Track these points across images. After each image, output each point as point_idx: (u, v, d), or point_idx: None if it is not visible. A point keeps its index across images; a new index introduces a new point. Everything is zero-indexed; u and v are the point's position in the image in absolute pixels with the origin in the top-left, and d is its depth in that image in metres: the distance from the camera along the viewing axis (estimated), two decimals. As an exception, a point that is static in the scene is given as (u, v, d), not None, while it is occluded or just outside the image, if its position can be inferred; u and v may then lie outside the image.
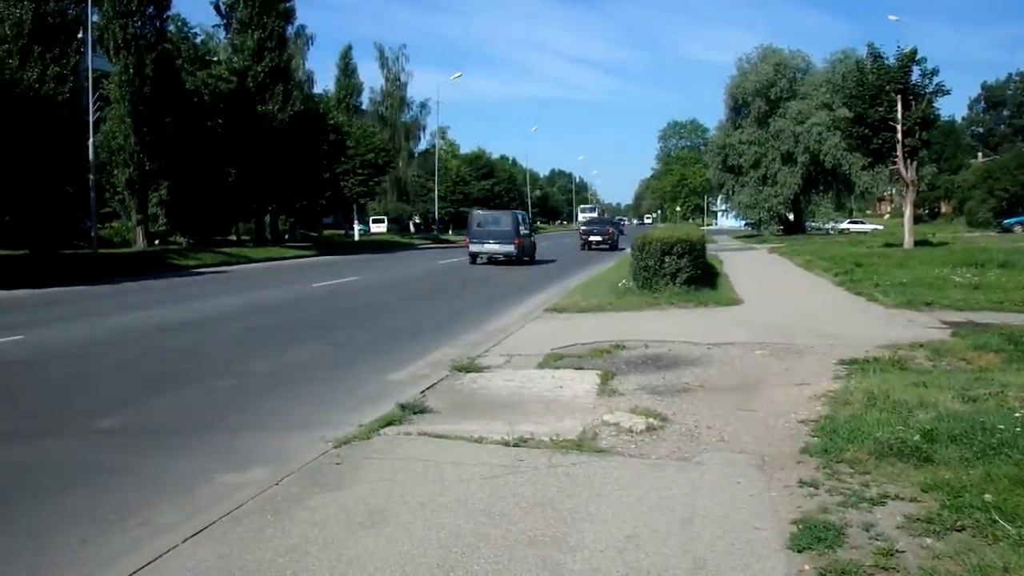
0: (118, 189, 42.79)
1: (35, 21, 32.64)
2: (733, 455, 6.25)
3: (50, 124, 31.42)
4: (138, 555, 4.65)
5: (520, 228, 35.04)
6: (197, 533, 4.86)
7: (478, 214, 36.67)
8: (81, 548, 5.00)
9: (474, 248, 34.49)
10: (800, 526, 4.73)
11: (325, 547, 4.64)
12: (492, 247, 34.18)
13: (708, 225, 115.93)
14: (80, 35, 34.38)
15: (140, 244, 41.86)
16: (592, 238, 50.39)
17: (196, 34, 50.98)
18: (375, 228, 79.44)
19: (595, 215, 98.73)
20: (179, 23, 47.93)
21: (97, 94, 34.01)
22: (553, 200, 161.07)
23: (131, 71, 38.31)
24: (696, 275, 17.32)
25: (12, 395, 9.53)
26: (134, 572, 4.35)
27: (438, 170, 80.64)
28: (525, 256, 35.33)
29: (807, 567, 4.24)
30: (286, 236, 60.01)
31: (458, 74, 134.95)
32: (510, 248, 33.81)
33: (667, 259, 16.94)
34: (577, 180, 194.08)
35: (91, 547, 5.02)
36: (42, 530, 5.27)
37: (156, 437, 7.61)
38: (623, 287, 18.04)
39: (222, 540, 4.77)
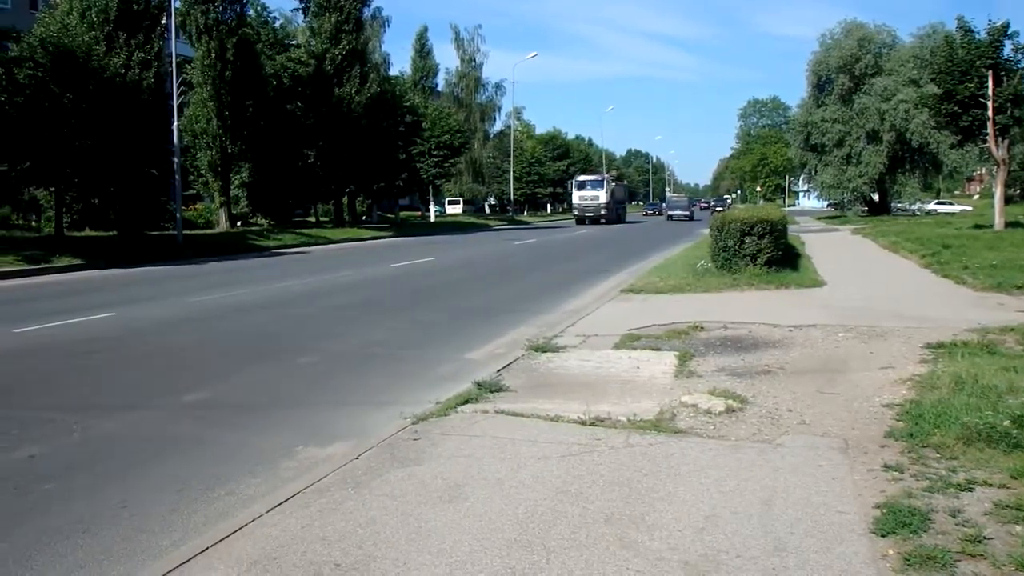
0: (201, 172, 43.78)
1: (120, 8, 33.47)
2: (815, 438, 6.14)
3: (136, 109, 32.23)
4: (224, 524, 4.79)
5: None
6: (280, 504, 4.97)
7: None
8: (170, 516, 5.16)
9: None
10: (884, 510, 4.62)
11: (403, 520, 4.70)
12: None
13: (790, 206, 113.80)
14: (163, 21, 35.14)
15: (223, 225, 42.79)
16: (673, 212, 77.02)
17: (275, 18, 51.72)
18: (450, 209, 79.91)
19: (680, 198, 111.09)
20: (259, 8, 48.64)
21: (180, 79, 34.74)
22: (629, 180, 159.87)
23: (213, 56, 39.11)
24: (777, 256, 16.99)
25: (104, 370, 9.88)
26: (221, 540, 4.47)
27: (513, 151, 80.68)
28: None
29: (891, 552, 4.15)
30: (363, 217, 60.74)
31: (534, 54, 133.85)
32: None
33: (747, 240, 16.66)
34: (654, 160, 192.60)
35: (179, 516, 5.17)
36: (133, 499, 5.44)
37: (240, 411, 7.80)
38: (701, 268, 17.83)
39: (304, 511, 4.87)
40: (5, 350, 11.15)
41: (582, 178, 65.56)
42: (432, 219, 67.69)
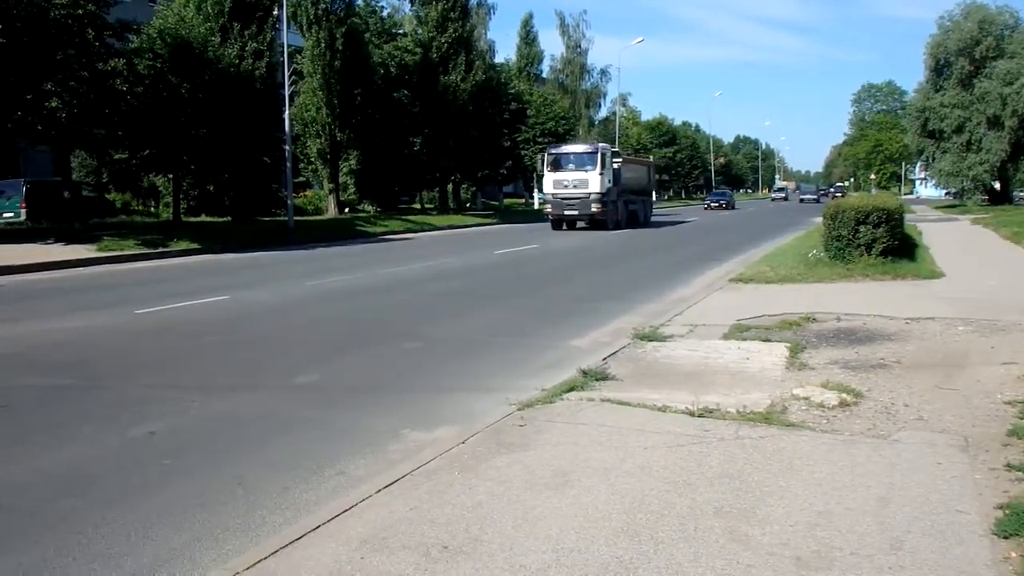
0: (311, 159, 44.83)
1: (235, 0, 34.47)
2: (933, 434, 5.91)
3: (249, 98, 33.20)
4: (335, 503, 4.88)
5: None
6: (389, 485, 5.04)
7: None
8: (283, 495, 5.28)
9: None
10: (1007, 511, 4.41)
11: (510, 505, 4.71)
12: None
13: (906, 194, 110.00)
14: (275, 12, 36.03)
15: (331, 212, 43.73)
16: (775, 195, 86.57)
17: (383, 7, 52.50)
18: (554, 196, 79.65)
19: (784, 186, 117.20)
20: (367, -2, 49.47)
21: (291, 68, 35.59)
22: (737, 167, 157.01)
23: (323, 45, 39.91)
24: (893, 246, 16.41)
25: (219, 351, 10.21)
26: (331, 519, 4.56)
27: (618, 137, 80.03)
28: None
29: (1014, 555, 3.97)
30: (467, 205, 61.23)
31: (640, 39, 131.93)
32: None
33: (862, 229, 16.14)
34: (763, 147, 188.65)
35: (292, 494, 5.30)
36: (248, 477, 5.59)
37: (349, 394, 7.95)
38: (813, 257, 17.38)
39: (412, 493, 4.92)
40: (127, 331, 11.63)
41: (558, 150, 38.85)
42: (536, 206, 67.77)
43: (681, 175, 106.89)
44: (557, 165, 37.36)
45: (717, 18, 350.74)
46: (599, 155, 36.74)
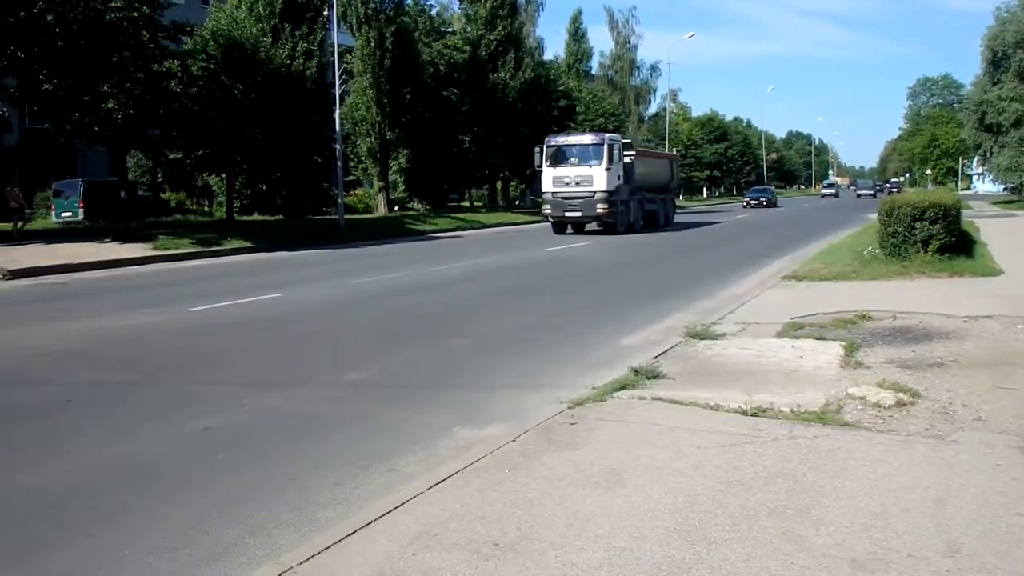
0: (361, 158, 45.19)
1: (285, 1, 34.87)
2: (992, 435, 5.78)
3: (300, 98, 33.58)
4: (386, 499, 4.90)
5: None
6: (440, 482, 5.06)
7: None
8: (335, 490, 5.33)
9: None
10: (1070, 515, 4.31)
11: (561, 503, 4.69)
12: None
13: (963, 189, 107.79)
14: (325, 12, 36.38)
15: (381, 210, 44.05)
16: (825, 191, 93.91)
17: (432, 6, 52.71)
18: (602, 193, 79.43)
19: (834, 181, 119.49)
20: (416, -4, 49.71)
21: (342, 68, 35.90)
22: (790, 163, 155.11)
23: (372, 45, 40.20)
24: (950, 242, 16.07)
25: (272, 348, 10.36)
26: (383, 515, 4.59)
27: (668, 134, 79.59)
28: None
29: (1078, 559, 3.87)
30: (516, 202, 61.23)
31: (690, 34, 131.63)
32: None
33: (918, 225, 15.83)
34: (816, 142, 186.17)
35: (344, 489, 5.34)
36: (300, 472, 5.65)
37: (398, 391, 8.00)
38: (868, 254, 17.10)
39: (463, 490, 4.94)
40: (182, 328, 11.82)
41: (558, 141, 33.81)
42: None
43: (732, 171, 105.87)
44: (557, 159, 32.57)
45: (768, 12, 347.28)
46: (605, 147, 31.55)
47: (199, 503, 5.16)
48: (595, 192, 31.03)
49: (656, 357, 8.51)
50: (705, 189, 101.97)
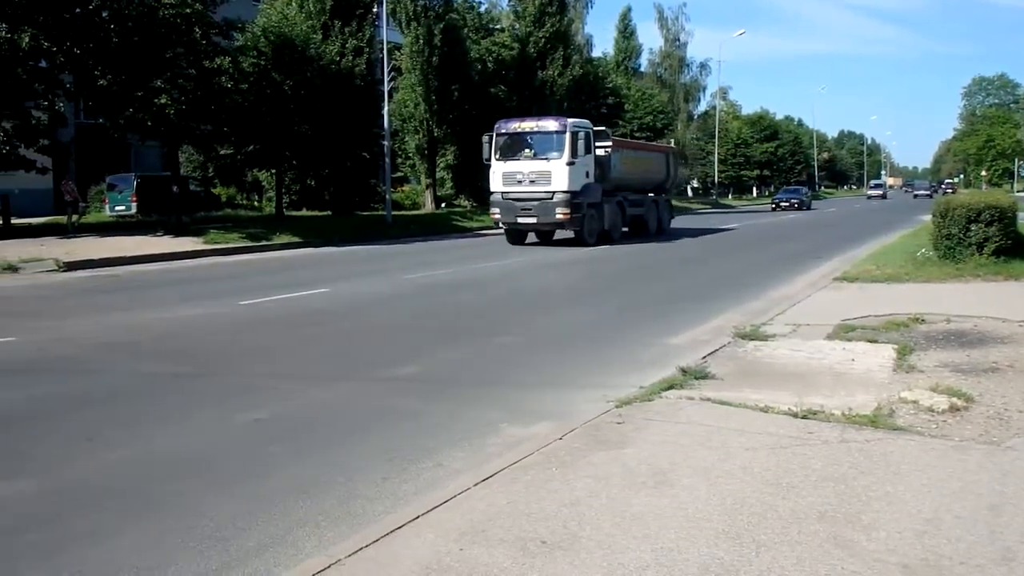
0: (409, 155, 45.43)
1: (336, -2, 35.16)
2: (1049, 442, 5.67)
3: (349, 95, 33.78)
4: (433, 494, 4.93)
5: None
6: (487, 479, 5.07)
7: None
8: (383, 484, 5.37)
9: None
10: None
11: (608, 502, 4.68)
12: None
13: (1019, 191, 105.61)
14: (375, 9, 36.57)
15: (428, 207, 44.22)
16: (871, 192, 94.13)
17: (480, 3, 52.73)
18: (650, 191, 78.98)
19: (882, 182, 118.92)
20: (465, -7, 49.75)
21: (391, 65, 36.07)
22: (841, 163, 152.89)
23: (421, 42, 40.34)
24: (1006, 245, 15.75)
25: (320, 342, 10.47)
26: (431, 509, 4.61)
27: (718, 132, 78.92)
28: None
29: None
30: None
31: (741, 31, 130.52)
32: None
33: (973, 227, 15.54)
34: (868, 142, 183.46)
35: (391, 484, 5.38)
36: (348, 465, 5.70)
37: (446, 387, 8.03)
38: (922, 256, 16.83)
39: (510, 487, 4.94)
40: (232, 322, 11.98)
41: (510, 127, 26.11)
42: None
43: (783, 170, 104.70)
44: (509, 150, 25.50)
45: (820, 10, 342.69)
46: (568, 135, 24.57)
47: (250, 494, 5.22)
48: (554, 192, 24.28)
49: (704, 357, 8.46)
50: (755, 189, 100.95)
